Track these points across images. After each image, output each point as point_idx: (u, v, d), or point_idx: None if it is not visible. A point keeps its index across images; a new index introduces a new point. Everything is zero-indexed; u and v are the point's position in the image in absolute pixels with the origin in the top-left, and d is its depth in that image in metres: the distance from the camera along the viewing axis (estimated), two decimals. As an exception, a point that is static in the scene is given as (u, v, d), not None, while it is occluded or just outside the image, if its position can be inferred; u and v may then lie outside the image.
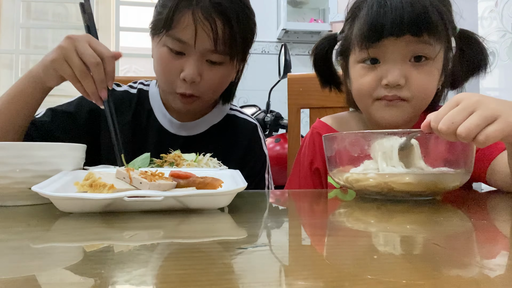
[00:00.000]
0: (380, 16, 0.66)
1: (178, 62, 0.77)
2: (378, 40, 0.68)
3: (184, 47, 0.76)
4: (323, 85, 0.86)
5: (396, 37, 0.67)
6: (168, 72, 0.79)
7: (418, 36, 0.66)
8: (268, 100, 2.02)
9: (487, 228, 0.40)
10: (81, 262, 0.27)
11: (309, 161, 0.85)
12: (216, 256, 0.29)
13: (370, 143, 0.54)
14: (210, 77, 0.79)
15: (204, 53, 0.77)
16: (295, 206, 0.57)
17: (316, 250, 0.32)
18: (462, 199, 0.60)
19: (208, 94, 0.82)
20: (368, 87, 0.72)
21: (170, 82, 0.80)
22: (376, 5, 0.67)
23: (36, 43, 2.53)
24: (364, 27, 0.69)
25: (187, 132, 0.91)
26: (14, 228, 0.38)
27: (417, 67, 0.69)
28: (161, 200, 0.43)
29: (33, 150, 0.49)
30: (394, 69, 0.69)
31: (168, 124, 0.91)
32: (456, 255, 0.29)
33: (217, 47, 0.75)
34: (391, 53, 0.69)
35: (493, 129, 0.45)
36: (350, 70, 0.77)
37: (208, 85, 0.80)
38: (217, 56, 0.77)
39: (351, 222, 0.43)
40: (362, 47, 0.70)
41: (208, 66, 0.79)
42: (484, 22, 1.70)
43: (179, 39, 0.75)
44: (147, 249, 0.30)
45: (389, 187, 0.52)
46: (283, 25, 2.45)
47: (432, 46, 0.68)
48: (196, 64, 0.77)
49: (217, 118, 0.94)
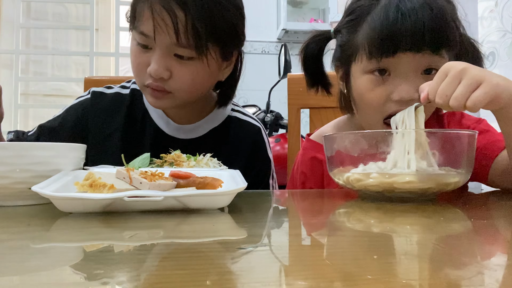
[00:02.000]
0: (397, 28, 0.61)
1: (145, 56, 0.74)
2: (393, 55, 0.62)
3: (148, 41, 0.73)
4: (310, 86, 0.81)
5: (416, 52, 0.62)
6: (137, 66, 0.76)
7: (436, 53, 0.62)
8: (268, 100, 2.02)
9: (487, 228, 0.40)
10: (81, 262, 0.27)
11: (301, 182, 0.83)
12: (216, 256, 0.29)
13: (372, 144, 0.54)
14: (181, 74, 0.74)
15: (169, 47, 0.72)
16: (295, 206, 0.57)
17: (316, 250, 0.32)
18: (462, 199, 0.60)
19: (181, 92, 0.76)
20: (377, 103, 0.67)
21: (140, 76, 0.76)
22: (393, 12, 0.61)
23: (36, 43, 2.53)
24: (377, 36, 0.63)
25: (186, 135, 0.87)
26: (14, 228, 0.38)
27: (427, 79, 0.63)
28: (161, 200, 0.43)
29: (33, 150, 0.49)
30: (406, 84, 0.64)
31: (165, 126, 0.87)
32: (456, 255, 0.29)
33: (179, 40, 0.70)
34: (404, 67, 0.64)
35: (478, 93, 0.50)
36: (354, 80, 0.71)
37: (180, 82, 0.75)
38: (182, 50, 0.72)
39: (351, 222, 0.43)
40: (372, 58, 0.64)
41: (177, 62, 0.73)
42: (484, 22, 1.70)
43: (141, 32, 0.72)
44: (147, 249, 0.30)
45: (390, 186, 0.52)
46: (283, 25, 2.45)
47: (446, 58, 0.64)
48: (162, 59, 0.72)
49: (218, 121, 0.89)
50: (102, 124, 0.87)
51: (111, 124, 0.87)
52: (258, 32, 2.54)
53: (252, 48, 2.53)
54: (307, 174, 0.82)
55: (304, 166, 0.83)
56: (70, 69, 2.58)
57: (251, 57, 2.53)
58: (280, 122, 1.99)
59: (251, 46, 2.52)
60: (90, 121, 0.87)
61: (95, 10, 2.42)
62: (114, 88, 0.91)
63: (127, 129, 0.87)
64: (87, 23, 2.45)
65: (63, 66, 2.57)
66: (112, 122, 0.87)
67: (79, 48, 2.58)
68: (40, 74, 2.53)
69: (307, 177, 0.82)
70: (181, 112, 0.86)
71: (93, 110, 0.88)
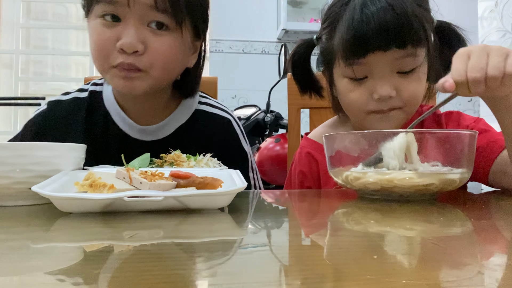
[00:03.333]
0: (363, 30, 0.64)
1: (113, 30, 0.67)
2: (364, 56, 0.65)
3: (119, 10, 0.66)
4: (302, 92, 0.83)
5: (384, 51, 0.65)
6: (102, 43, 0.67)
7: (403, 48, 0.65)
8: (268, 100, 2.02)
9: (487, 228, 0.40)
10: (81, 262, 0.27)
11: (300, 180, 0.83)
12: (216, 256, 0.29)
13: (373, 143, 0.54)
14: (156, 46, 0.68)
15: (143, 15, 0.66)
16: (295, 206, 0.57)
17: (316, 250, 0.32)
18: (462, 199, 0.60)
19: (156, 69, 0.70)
20: (359, 102, 0.70)
21: (105, 56, 0.68)
22: (358, 15, 0.64)
23: (36, 43, 2.54)
24: (347, 40, 0.66)
25: (151, 137, 0.81)
26: (14, 228, 0.38)
27: (405, 77, 0.68)
28: (161, 200, 0.43)
29: (33, 150, 0.49)
30: (383, 83, 0.67)
31: (128, 129, 0.80)
32: (456, 255, 0.29)
33: (157, 4, 0.65)
34: (378, 68, 0.67)
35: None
36: (336, 83, 0.74)
37: (155, 56, 0.68)
38: (159, 15, 0.67)
39: (351, 222, 0.43)
40: (347, 61, 0.67)
41: (152, 33, 0.68)
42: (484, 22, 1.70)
43: (111, 1, 0.65)
44: (147, 249, 0.30)
45: (390, 183, 0.52)
46: (283, 25, 2.45)
47: (417, 55, 0.67)
48: (136, 30, 0.66)
49: (184, 117, 0.83)
50: (61, 134, 0.81)
51: (70, 131, 0.81)
52: (258, 32, 2.54)
53: (252, 48, 2.53)
54: (305, 173, 0.83)
55: (302, 165, 0.84)
56: (70, 69, 2.58)
57: (251, 57, 2.53)
58: (280, 122, 1.99)
59: (251, 46, 2.52)
60: (48, 132, 0.81)
61: (95, 10, 2.42)
62: (72, 93, 0.85)
63: (88, 134, 0.80)
64: (87, 23, 2.45)
65: (63, 66, 2.57)
66: (70, 130, 0.81)
67: (79, 48, 2.58)
68: (40, 74, 2.53)
69: (306, 176, 0.82)
70: (143, 111, 0.80)
71: (50, 120, 0.82)
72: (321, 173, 0.81)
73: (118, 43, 0.66)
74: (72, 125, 0.81)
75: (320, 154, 0.82)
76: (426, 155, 0.53)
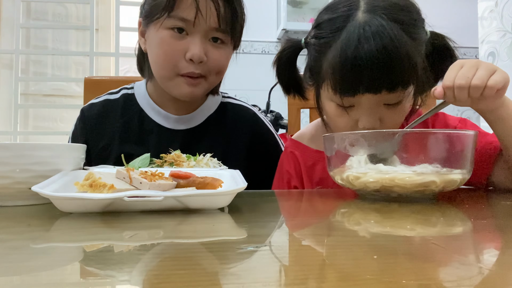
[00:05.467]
0: (355, 72, 0.62)
1: (182, 43, 0.78)
2: (353, 96, 0.65)
3: (188, 26, 0.77)
4: (286, 92, 0.83)
5: (374, 94, 0.64)
6: (171, 54, 0.78)
7: (394, 92, 0.64)
8: (268, 100, 2.02)
9: (487, 228, 0.40)
10: (81, 262, 0.27)
11: (287, 180, 0.84)
12: (216, 256, 0.28)
13: (372, 143, 0.54)
14: (215, 57, 0.80)
15: (207, 32, 0.78)
16: (295, 206, 0.57)
17: (316, 250, 0.32)
18: (462, 199, 0.60)
19: (213, 75, 0.83)
20: (345, 128, 0.70)
21: (174, 65, 0.79)
22: (351, 56, 0.62)
23: (36, 43, 2.53)
24: (337, 77, 0.65)
25: (185, 125, 0.90)
26: (14, 228, 0.38)
27: (391, 108, 0.68)
28: (161, 200, 0.43)
29: (33, 150, 0.49)
30: (369, 116, 0.67)
31: (164, 121, 0.89)
32: (456, 255, 0.29)
33: (220, 24, 0.78)
34: (365, 103, 0.66)
35: (497, 76, 0.57)
36: (322, 101, 0.74)
37: (214, 65, 0.81)
38: (220, 34, 0.79)
39: (351, 222, 0.43)
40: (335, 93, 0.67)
41: (211, 46, 0.80)
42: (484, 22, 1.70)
43: (182, 18, 0.76)
44: (147, 249, 0.30)
45: (391, 184, 0.52)
46: (283, 25, 2.45)
47: (405, 91, 0.66)
48: (201, 44, 0.78)
49: (212, 108, 0.94)
50: (98, 132, 0.89)
51: (106, 130, 0.89)
52: (258, 32, 2.54)
53: (252, 48, 2.53)
54: (291, 173, 0.83)
55: (287, 165, 0.85)
56: (70, 69, 2.58)
57: (251, 57, 2.52)
58: (280, 122, 1.99)
59: (251, 46, 2.52)
60: (88, 134, 0.90)
61: (95, 10, 2.41)
62: (102, 96, 0.94)
63: (124, 131, 0.88)
64: (87, 23, 2.44)
65: (63, 66, 2.57)
66: (106, 128, 0.89)
67: (79, 48, 2.57)
68: (40, 74, 2.52)
69: (291, 176, 0.83)
70: (178, 104, 0.89)
71: (86, 123, 0.91)
72: (303, 171, 0.83)
73: (188, 54, 0.77)
74: (107, 124, 0.90)
75: (301, 153, 0.83)
76: (426, 155, 0.53)
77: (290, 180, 0.83)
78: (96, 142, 0.88)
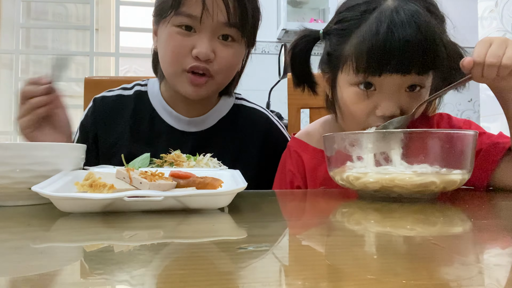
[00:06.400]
0: (385, 51, 0.61)
1: (189, 39, 0.76)
2: (379, 75, 0.63)
3: (195, 23, 0.75)
4: (296, 85, 0.81)
5: (402, 75, 0.63)
6: (178, 50, 0.76)
7: (422, 75, 0.64)
8: (268, 100, 2.02)
9: (487, 228, 0.40)
10: (81, 262, 0.27)
11: (289, 180, 0.82)
12: (216, 256, 0.28)
13: (369, 143, 0.54)
14: (224, 55, 0.78)
15: (216, 29, 0.76)
16: (295, 206, 0.57)
17: (316, 250, 0.32)
18: (462, 199, 0.60)
19: (221, 75, 0.80)
20: (360, 116, 0.69)
21: (180, 61, 0.77)
22: (382, 34, 0.61)
23: (36, 43, 2.53)
24: (364, 55, 0.63)
25: (197, 128, 0.88)
26: (14, 228, 0.38)
27: (411, 96, 0.66)
28: (161, 200, 0.43)
29: (34, 150, 0.49)
30: (390, 101, 0.65)
31: (175, 123, 0.88)
32: (456, 255, 0.29)
33: (229, 20, 0.75)
34: (389, 86, 0.65)
35: None
36: (340, 88, 0.72)
37: (222, 64, 0.78)
38: (229, 30, 0.77)
39: (351, 222, 0.43)
40: (358, 73, 0.65)
41: (221, 44, 0.77)
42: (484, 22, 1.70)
43: (189, 14, 0.74)
44: (147, 249, 0.30)
45: (391, 184, 0.52)
46: (283, 25, 2.45)
47: (430, 76, 0.66)
48: (208, 41, 0.75)
49: (225, 110, 0.92)
50: (109, 128, 0.88)
51: (116, 126, 0.88)
52: (258, 32, 2.53)
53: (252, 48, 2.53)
54: (294, 172, 0.82)
55: (290, 164, 0.83)
56: (70, 69, 2.58)
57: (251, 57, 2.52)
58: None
59: (251, 46, 2.52)
60: (98, 128, 0.88)
61: (95, 10, 2.42)
62: (115, 90, 0.92)
63: (135, 130, 0.87)
64: (87, 23, 2.45)
65: (63, 66, 2.57)
66: (116, 125, 0.88)
67: (79, 48, 2.57)
68: (40, 74, 2.53)
69: (294, 175, 0.82)
70: (189, 107, 0.88)
71: (97, 116, 0.89)
72: (306, 171, 0.81)
73: (194, 51, 0.75)
74: (118, 120, 0.88)
75: (305, 153, 0.82)
76: (426, 155, 0.53)
77: (293, 179, 0.82)
78: (105, 137, 0.87)
